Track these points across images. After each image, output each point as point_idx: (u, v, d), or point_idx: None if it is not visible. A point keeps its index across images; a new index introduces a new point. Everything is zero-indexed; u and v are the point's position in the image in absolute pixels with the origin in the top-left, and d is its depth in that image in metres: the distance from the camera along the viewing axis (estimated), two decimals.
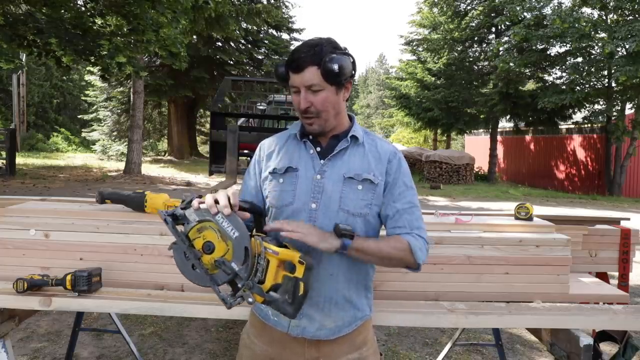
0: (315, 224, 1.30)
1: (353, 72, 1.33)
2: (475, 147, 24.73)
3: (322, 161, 1.36)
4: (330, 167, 1.35)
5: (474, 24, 19.96)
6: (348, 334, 1.38)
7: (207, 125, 22.31)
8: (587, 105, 16.89)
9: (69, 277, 1.76)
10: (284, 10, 23.69)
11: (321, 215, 1.32)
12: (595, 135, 17.90)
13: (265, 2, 21.91)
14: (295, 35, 25.43)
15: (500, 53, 17.73)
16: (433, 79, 21.69)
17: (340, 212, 1.32)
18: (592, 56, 15.66)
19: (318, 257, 1.30)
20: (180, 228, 1.18)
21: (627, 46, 13.96)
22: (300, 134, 1.40)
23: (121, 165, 17.73)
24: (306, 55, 1.27)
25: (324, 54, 1.27)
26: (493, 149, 19.92)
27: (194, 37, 18.76)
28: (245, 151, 4.97)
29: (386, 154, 1.39)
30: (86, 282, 1.76)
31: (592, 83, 16.29)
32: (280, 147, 1.42)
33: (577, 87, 15.96)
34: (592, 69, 15.59)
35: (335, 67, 1.26)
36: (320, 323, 1.34)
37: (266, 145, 1.46)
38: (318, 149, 1.38)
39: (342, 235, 1.24)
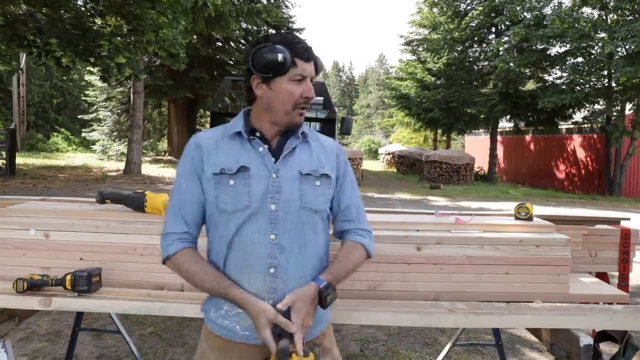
0: (276, 225, 1.25)
1: None
2: (475, 147, 24.73)
3: (273, 159, 1.29)
4: (283, 164, 1.28)
5: (474, 24, 19.95)
6: (318, 336, 1.35)
7: (207, 126, 22.29)
8: (587, 105, 16.88)
9: (68, 277, 1.75)
10: (284, 10, 23.66)
11: (282, 216, 1.25)
12: (595, 135, 17.90)
13: (265, 2, 21.89)
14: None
15: (500, 53, 17.73)
16: (433, 79, 21.68)
17: (302, 210, 1.27)
18: (592, 56, 15.64)
19: (288, 258, 1.27)
20: None
21: (627, 46, 13.96)
22: (247, 132, 1.30)
23: (121, 165, 17.73)
24: (310, 48, 1.29)
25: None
26: (493, 149, 19.91)
27: (194, 37, 18.75)
28: None
29: (333, 149, 1.40)
30: (86, 282, 1.75)
31: (592, 83, 16.27)
32: (220, 145, 1.30)
33: (577, 87, 15.94)
34: (592, 69, 15.58)
35: (322, 64, 1.33)
36: None
37: (204, 142, 1.32)
38: (267, 146, 1.30)
39: (326, 299, 1.24)
